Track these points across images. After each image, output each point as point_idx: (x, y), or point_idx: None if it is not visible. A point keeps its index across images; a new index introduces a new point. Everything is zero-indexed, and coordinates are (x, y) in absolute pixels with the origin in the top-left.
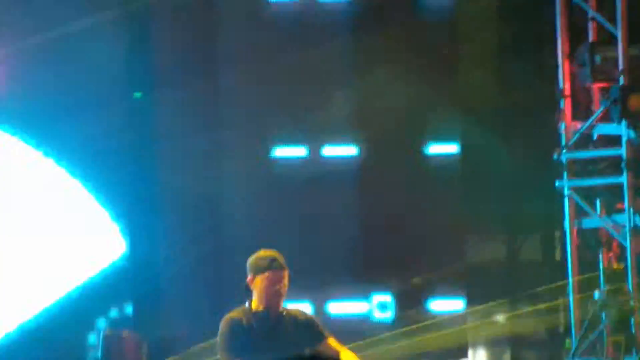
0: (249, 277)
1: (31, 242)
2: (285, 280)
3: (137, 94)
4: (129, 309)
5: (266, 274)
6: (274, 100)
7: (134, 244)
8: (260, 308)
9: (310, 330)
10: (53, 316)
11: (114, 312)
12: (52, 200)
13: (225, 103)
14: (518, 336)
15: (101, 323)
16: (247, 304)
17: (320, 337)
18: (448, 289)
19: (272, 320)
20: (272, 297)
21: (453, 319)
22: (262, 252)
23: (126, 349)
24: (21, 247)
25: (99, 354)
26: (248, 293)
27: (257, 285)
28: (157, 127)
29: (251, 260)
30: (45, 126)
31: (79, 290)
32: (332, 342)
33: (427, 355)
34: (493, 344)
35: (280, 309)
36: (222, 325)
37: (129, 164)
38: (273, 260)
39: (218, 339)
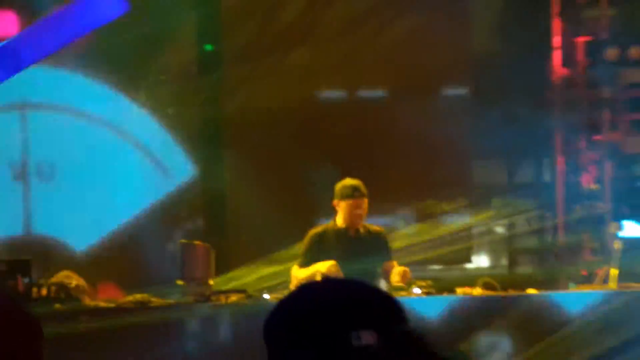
0: (335, 201)
1: (123, 166)
2: (365, 206)
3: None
4: (200, 222)
5: (350, 200)
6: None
7: (204, 168)
8: (343, 226)
9: (380, 248)
10: (139, 227)
11: (188, 225)
12: (135, 133)
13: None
14: (514, 244)
15: (177, 234)
16: (332, 221)
17: (387, 255)
18: (458, 206)
19: (351, 236)
20: (353, 219)
21: (461, 231)
22: (348, 181)
23: (197, 255)
24: (114, 170)
25: (176, 259)
26: (332, 212)
27: (342, 207)
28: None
29: (338, 186)
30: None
31: (160, 206)
32: (394, 263)
33: (442, 259)
34: (493, 252)
35: (358, 227)
36: (308, 236)
37: (200, 103)
38: (356, 189)
39: (301, 248)
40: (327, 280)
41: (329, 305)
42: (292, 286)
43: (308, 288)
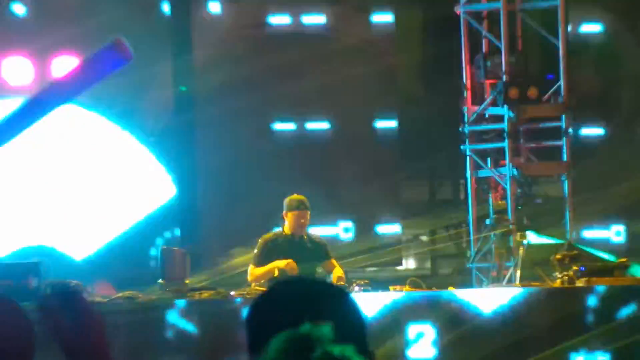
0: (284, 212)
1: (115, 188)
2: (307, 217)
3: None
4: (177, 232)
5: (295, 212)
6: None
7: (181, 188)
8: (289, 232)
9: (320, 250)
10: (128, 237)
11: (167, 235)
12: (125, 160)
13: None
14: (436, 250)
15: (159, 242)
16: (280, 229)
17: (326, 256)
18: (390, 219)
19: (296, 241)
20: (298, 227)
21: (393, 240)
22: (295, 196)
23: (175, 259)
24: (107, 191)
25: (158, 262)
26: (282, 222)
27: (289, 218)
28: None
29: (286, 200)
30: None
31: (146, 220)
32: (333, 262)
33: (376, 264)
34: (419, 257)
35: (302, 234)
36: (260, 240)
37: (177, 134)
38: (301, 202)
39: (255, 250)
40: (297, 278)
41: (298, 298)
42: (250, 280)
43: (281, 284)
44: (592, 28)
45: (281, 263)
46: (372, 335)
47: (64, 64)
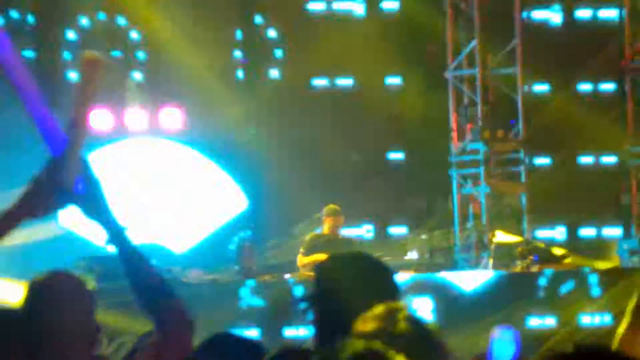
0: (324, 217)
1: (206, 201)
2: (341, 221)
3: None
4: (249, 233)
5: (332, 217)
6: None
7: (251, 201)
8: (327, 232)
9: (349, 246)
10: (214, 237)
11: (242, 234)
12: (212, 181)
13: None
14: (432, 245)
15: (235, 240)
16: (321, 230)
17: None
18: (399, 222)
19: (332, 239)
20: (333, 229)
21: (401, 237)
22: (332, 206)
23: (246, 252)
24: (201, 204)
25: (235, 254)
26: (322, 224)
27: (327, 222)
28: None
29: (325, 209)
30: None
31: (226, 225)
32: None
33: (389, 255)
34: (420, 250)
35: (337, 234)
36: (307, 237)
37: (249, 163)
38: (336, 210)
39: (303, 244)
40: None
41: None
42: (299, 266)
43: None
44: (541, 88)
45: (321, 256)
46: None
47: (169, 114)
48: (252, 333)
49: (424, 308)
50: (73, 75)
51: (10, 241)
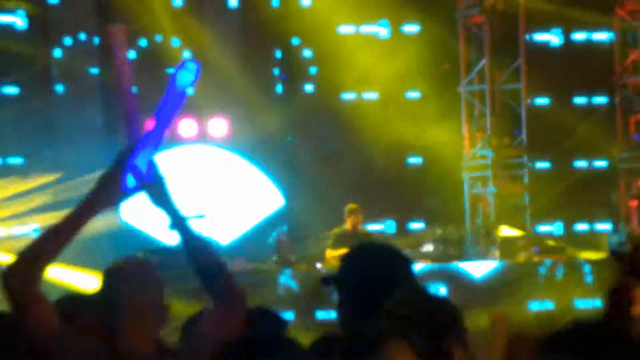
0: (346, 215)
1: (250, 200)
2: (360, 218)
3: (289, 137)
4: (285, 227)
5: (352, 215)
6: None
7: (287, 200)
8: (350, 228)
9: (370, 239)
10: (255, 230)
11: (279, 228)
12: (255, 183)
13: None
14: (446, 239)
15: (274, 233)
16: (344, 226)
17: None
18: (417, 219)
19: (354, 234)
20: (354, 225)
21: (418, 232)
22: (352, 205)
23: (283, 244)
24: (245, 202)
25: (273, 246)
26: (344, 222)
27: (349, 220)
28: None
29: (347, 207)
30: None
31: (266, 219)
32: None
33: (408, 247)
34: (436, 243)
35: (358, 229)
36: (334, 233)
37: (286, 167)
38: (356, 209)
39: (331, 239)
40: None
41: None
42: (327, 258)
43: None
44: (542, 101)
45: (346, 250)
46: None
47: (216, 124)
48: (288, 316)
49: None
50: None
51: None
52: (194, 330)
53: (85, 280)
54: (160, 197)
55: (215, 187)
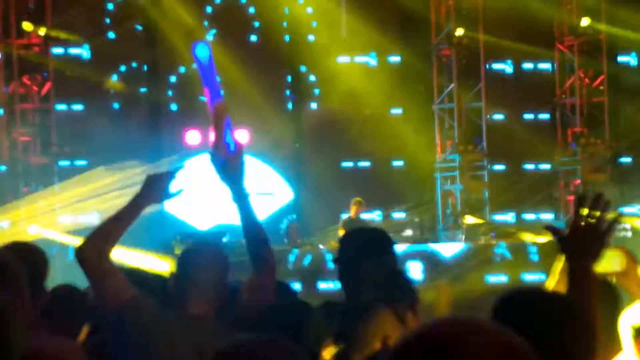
0: (350, 206)
1: (267, 193)
2: (362, 209)
3: (297, 144)
4: (294, 216)
5: (355, 206)
6: None
7: (296, 194)
8: (353, 217)
9: (366, 225)
10: (270, 219)
11: (289, 217)
12: (271, 180)
13: None
14: (422, 224)
15: (285, 221)
16: (349, 215)
17: None
18: (399, 209)
19: (356, 221)
20: (357, 214)
21: (400, 220)
22: (356, 198)
23: (292, 231)
24: (263, 196)
25: (285, 231)
26: (350, 210)
27: (352, 209)
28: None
29: (353, 200)
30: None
31: (279, 210)
32: None
33: (393, 232)
34: (413, 228)
35: (359, 218)
36: (341, 220)
37: (296, 171)
38: (359, 201)
39: (340, 224)
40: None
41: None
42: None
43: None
44: (498, 117)
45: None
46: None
47: (239, 134)
48: (296, 286)
49: (416, 269)
50: (173, 107)
51: None
52: (237, 299)
53: (134, 258)
54: (235, 172)
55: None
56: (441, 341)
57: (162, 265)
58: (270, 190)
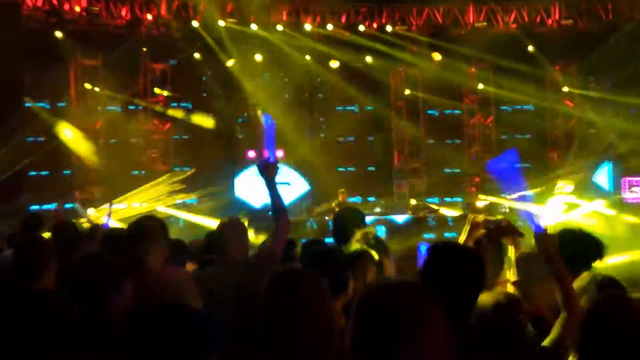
0: (339, 192)
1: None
2: (346, 195)
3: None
4: (309, 201)
5: (341, 193)
6: None
7: (310, 186)
8: (341, 200)
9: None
10: (291, 204)
11: (305, 202)
12: (292, 178)
13: None
14: (385, 205)
15: (304, 204)
16: (338, 198)
17: None
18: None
19: (342, 204)
20: (343, 199)
21: (373, 203)
22: (341, 189)
23: (308, 207)
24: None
25: (304, 210)
26: (338, 196)
27: (340, 196)
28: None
29: (339, 191)
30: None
31: (299, 196)
32: None
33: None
34: (380, 207)
35: (345, 201)
36: (333, 203)
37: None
38: (343, 191)
39: (334, 204)
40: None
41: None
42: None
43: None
44: (431, 141)
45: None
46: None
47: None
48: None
49: (381, 231)
50: (240, 137)
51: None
52: (262, 247)
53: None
54: (271, 173)
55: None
56: (382, 299)
57: None
58: (289, 181)
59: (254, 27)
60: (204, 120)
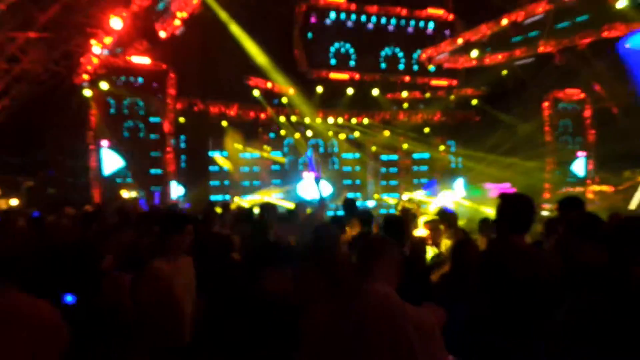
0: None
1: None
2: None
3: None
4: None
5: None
6: None
7: (333, 190)
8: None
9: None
10: (323, 199)
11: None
12: (322, 185)
13: None
14: (363, 197)
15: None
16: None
17: None
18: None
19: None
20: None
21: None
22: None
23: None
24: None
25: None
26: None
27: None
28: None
29: (343, 192)
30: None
31: (326, 197)
32: None
33: None
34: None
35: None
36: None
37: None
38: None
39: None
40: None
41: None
42: None
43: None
44: (393, 156)
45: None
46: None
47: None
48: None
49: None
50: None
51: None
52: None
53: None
54: (318, 182)
55: (314, 186)
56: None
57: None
58: (320, 184)
59: None
60: (281, 159)
